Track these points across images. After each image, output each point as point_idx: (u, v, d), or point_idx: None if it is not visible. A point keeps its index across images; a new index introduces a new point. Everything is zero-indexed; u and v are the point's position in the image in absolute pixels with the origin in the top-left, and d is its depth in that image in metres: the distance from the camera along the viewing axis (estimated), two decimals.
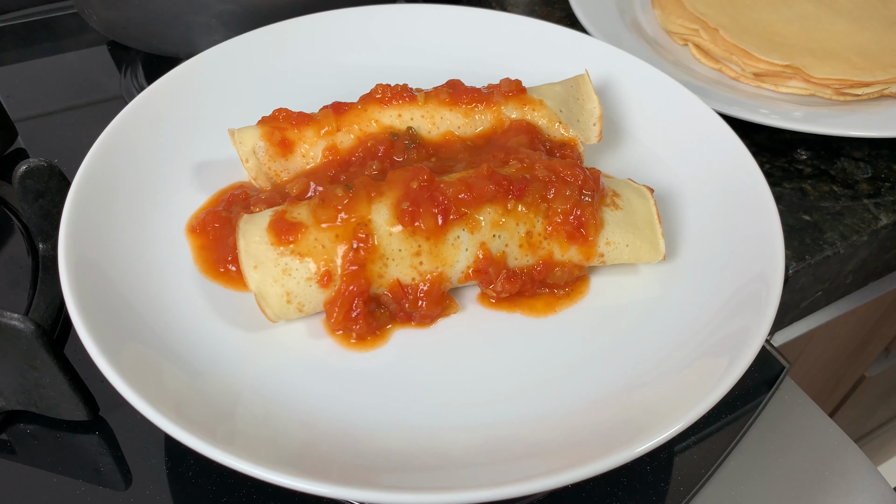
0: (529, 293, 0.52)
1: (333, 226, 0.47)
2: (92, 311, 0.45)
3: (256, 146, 0.56)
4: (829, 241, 0.66)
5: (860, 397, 1.39)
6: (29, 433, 0.51)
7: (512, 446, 0.43)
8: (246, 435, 0.43)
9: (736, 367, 0.44)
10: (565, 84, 0.61)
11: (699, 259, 0.54)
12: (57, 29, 0.89)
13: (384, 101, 0.57)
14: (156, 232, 0.54)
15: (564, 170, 0.51)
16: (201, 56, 0.63)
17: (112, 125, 0.57)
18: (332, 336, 0.49)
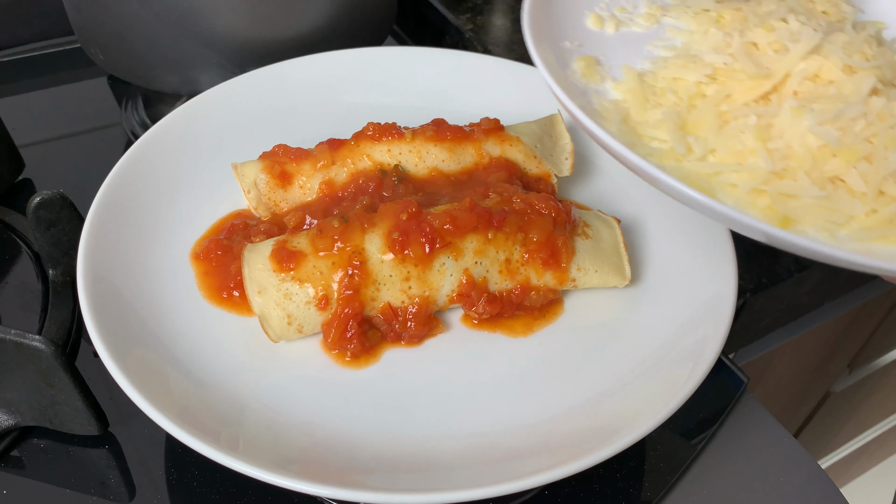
0: (509, 314, 0.56)
1: (330, 254, 0.52)
2: (105, 320, 0.50)
3: (258, 178, 0.61)
4: (784, 266, 0.71)
5: (827, 413, 1.44)
6: (42, 448, 0.55)
7: (493, 451, 0.48)
8: (249, 440, 0.47)
9: (696, 373, 0.49)
10: (540, 122, 0.67)
11: (662, 282, 0.59)
12: (59, 63, 0.93)
13: (375, 137, 0.62)
14: (164, 257, 0.58)
15: (540, 202, 0.56)
16: (204, 95, 0.68)
17: (123, 160, 0.61)
18: (329, 354, 0.53)
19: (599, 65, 0.55)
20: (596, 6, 0.59)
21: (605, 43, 0.57)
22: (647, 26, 0.59)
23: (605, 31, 0.58)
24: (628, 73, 0.54)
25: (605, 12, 0.59)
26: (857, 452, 1.77)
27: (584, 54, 0.55)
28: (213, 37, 0.71)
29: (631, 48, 0.57)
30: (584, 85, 0.53)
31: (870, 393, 1.49)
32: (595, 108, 0.51)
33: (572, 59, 0.55)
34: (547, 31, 0.54)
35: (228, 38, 0.71)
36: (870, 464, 1.92)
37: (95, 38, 0.75)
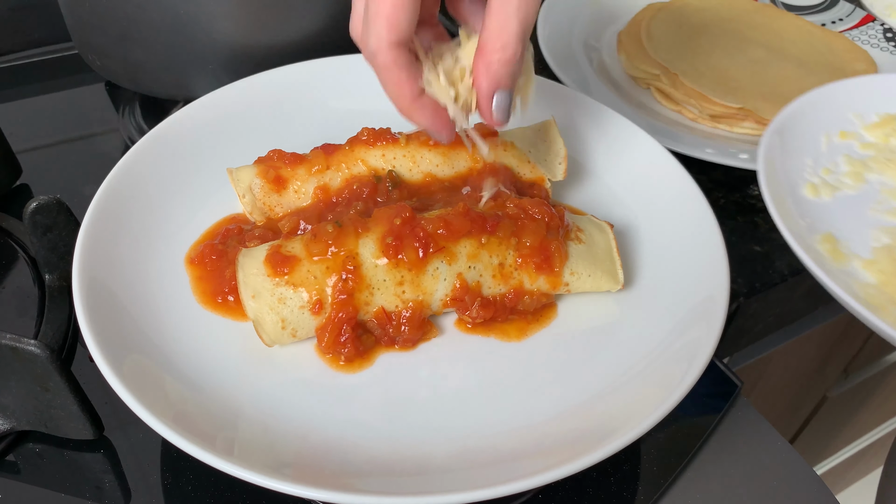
0: (502, 319, 0.56)
1: (324, 258, 0.52)
2: (100, 325, 0.50)
3: (253, 183, 0.61)
4: (778, 270, 0.72)
5: (823, 418, 1.45)
6: (37, 452, 0.55)
7: (487, 454, 0.48)
8: (244, 444, 0.47)
9: (689, 375, 0.49)
10: (534, 128, 0.67)
11: (654, 286, 0.59)
12: (57, 69, 0.93)
13: (369, 142, 0.63)
14: (159, 262, 0.58)
15: (533, 207, 0.56)
16: (200, 100, 0.68)
17: (119, 165, 0.61)
18: (323, 358, 0.54)
19: (837, 240, 0.57)
20: (805, 172, 0.62)
21: (829, 213, 0.60)
22: (856, 187, 0.62)
23: (822, 199, 0.61)
24: (879, 253, 0.56)
25: (815, 178, 0.62)
26: (854, 458, 1.77)
27: (817, 231, 0.58)
28: (210, 43, 0.71)
29: (856, 216, 0.60)
30: (836, 268, 0.55)
31: (866, 398, 1.49)
32: (861, 297, 0.53)
33: (813, 239, 0.57)
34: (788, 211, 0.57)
35: (224, 44, 0.72)
36: (867, 469, 1.91)
37: (92, 45, 0.76)
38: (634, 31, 0.94)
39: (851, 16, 1.03)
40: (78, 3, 0.73)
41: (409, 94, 0.47)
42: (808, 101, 0.67)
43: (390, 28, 0.44)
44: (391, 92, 0.48)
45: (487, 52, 0.46)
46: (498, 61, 0.46)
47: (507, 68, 0.47)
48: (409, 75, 0.46)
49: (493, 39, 0.46)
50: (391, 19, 0.44)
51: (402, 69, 0.46)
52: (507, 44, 0.46)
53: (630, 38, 0.93)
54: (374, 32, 0.45)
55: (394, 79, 0.46)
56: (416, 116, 0.49)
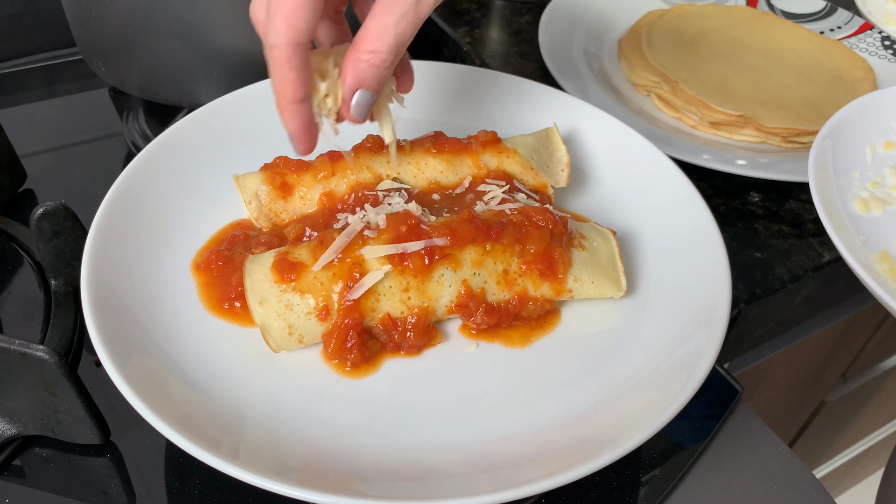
0: (506, 325, 0.57)
1: (331, 265, 0.53)
2: (108, 329, 0.50)
3: (259, 190, 0.62)
4: (778, 277, 0.72)
5: (822, 423, 1.45)
6: (43, 457, 0.55)
7: (491, 460, 0.48)
8: (250, 448, 0.48)
9: (691, 382, 0.50)
10: (536, 135, 0.68)
11: (657, 293, 0.60)
12: (61, 74, 0.94)
13: (374, 149, 0.63)
14: (166, 268, 0.59)
15: (537, 215, 0.57)
16: (206, 107, 0.69)
17: (126, 171, 0.61)
18: (329, 364, 0.54)
19: (894, 259, 0.56)
20: (853, 186, 0.61)
21: (882, 229, 0.59)
22: None
23: (873, 215, 0.60)
24: None
25: (864, 192, 0.61)
26: (852, 462, 1.77)
27: (872, 249, 0.57)
28: (215, 50, 0.72)
29: None
30: None
31: (864, 403, 1.50)
32: None
33: (871, 259, 0.56)
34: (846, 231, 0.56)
35: (229, 51, 0.72)
36: (865, 473, 1.92)
37: (98, 51, 0.76)
38: (635, 38, 0.95)
39: (850, 24, 1.03)
40: (83, 11, 0.73)
41: (290, 95, 0.48)
42: (851, 113, 0.65)
43: (289, 27, 0.45)
44: (275, 87, 0.48)
45: (359, 50, 0.48)
46: (366, 61, 0.48)
47: (374, 71, 0.48)
48: (298, 77, 0.47)
49: (366, 40, 0.48)
50: (290, 19, 0.45)
51: (293, 69, 0.46)
52: (378, 49, 0.47)
53: (630, 45, 0.94)
54: (274, 27, 0.45)
55: (282, 76, 0.47)
56: (287, 119, 0.49)
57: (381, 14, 0.47)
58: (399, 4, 0.46)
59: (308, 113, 0.49)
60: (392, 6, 0.46)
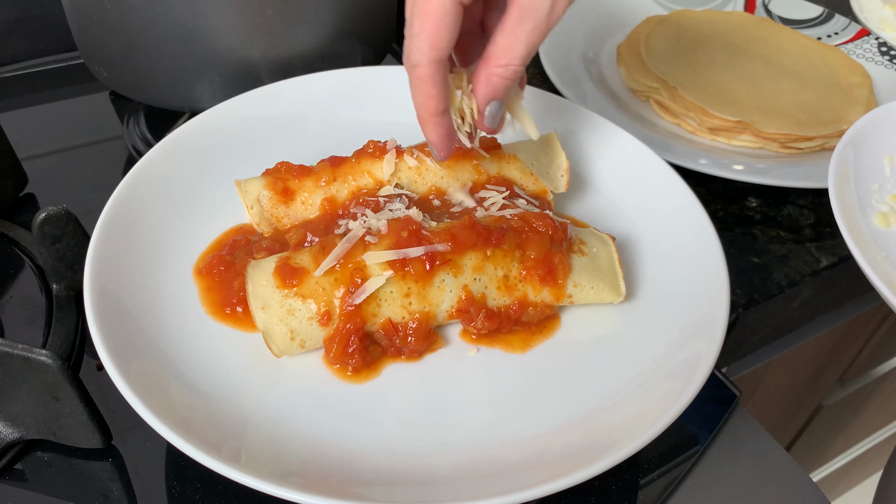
0: (507, 330, 0.57)
1: (332, 270, 0.53)
2: (110, 333, 0.51)
3: (261, 195, 0.62)
4: (776, 282, 0.73)
5: (819, 426, 1.46)
6: (45, 461, 0.55)
7: (491, 465, 0.49)
8: (251, 452, 0.48)
9: (690, 388, 0.50)
10: (536, 141, 0.68)
11: (656, 298, 0.60)
12: (63, 78, 0.94)
13: (375, 155, 0.63)
14: (168, 272, 0.59)
15: (537, 220, 0.57)
16: (207, 113, 0.69)
17: (128, 177, 0.62)
18: (331, 369, 0.54)
19: None
20: (872, 199, 0.61)
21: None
22: None
23: (893, 230, 0.59)
24: None
25: (883, 206, 0.61)
26: (849, 465, 1.78)
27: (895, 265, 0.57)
28: (216, 56, 0.72)
29: None
30: None
31: (861, 406, 1.50)
32: None
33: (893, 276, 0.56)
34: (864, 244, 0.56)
35: (231, 57, 0.72)
36: (862, 476, 1.93)
37: (99, 56, 0.76)
38: (634, 44, 0.95)
39: (847, 30, 1.04)
40: (85, 15, 0.74)
41: (433, 109, 0.51)
42: (869, 122, 0.64)
43: (432, 46, 0.48)
44: (419, 102, 0.52)
45: (491, 64, 0.51)
46: (498, 75, 0.51)
47: (505, 83, 0.51)
48: (440, 92, 0.50)
49: (498, 55, 0.50)
50: (433, 38, 0.47)
51: (436, 85, 0.50)
52: (510, 62, 0.50)
53: (629, 51, 0.94)
54: (417, 47, 0.48)
55: (426, 91, 0.50)
56: (430, 130, 0.54)
57: (513, 29, 0.49)
58: (530, 18, 0.48)
59: (448, 123, 0.54)
60: (523, 20, 0.48)
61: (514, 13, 0.48)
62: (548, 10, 0.48)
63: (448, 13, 0.47)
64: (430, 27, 0.47)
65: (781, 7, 1.09)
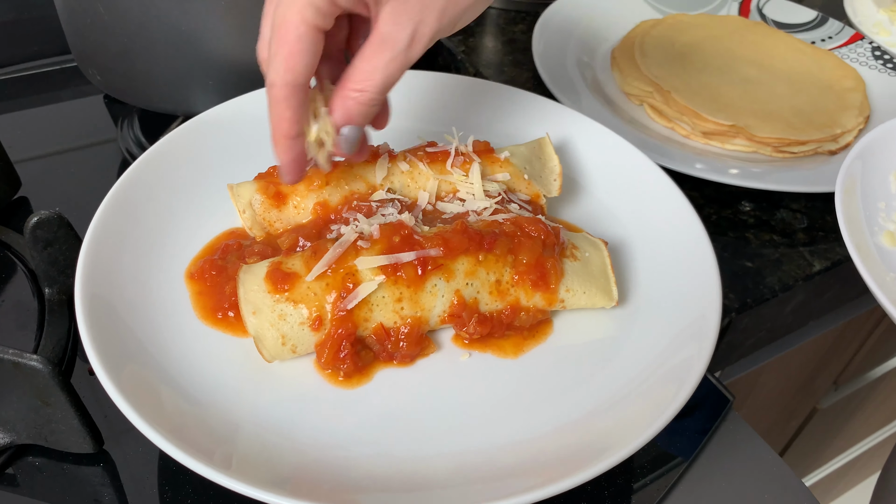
0: (499, 334, 0.57)
1: (324, 275, 0.53)
2: (102, 339, 0.51)
3: (253, 199, 0.62)
4: (769, 286, 0.73)
5: (814, 430, 1.46)
6: (36, 466, 0.55)
7: (485, 469, 0.49)
8: (243, 459, 0.48)
9: (682, 392, 0.50)
10: (529, 145, 0.68)
11: (648, 303, 0.60)
12: (56, 81, 0.94)
13: (368, 159, 0.64)
14: (159, 277, 0.59)
15: (529, 225, 0.57)
16: (201, 116, 0.69)
17: (120, 181, 0.62)
18: (322, 374, 0.54)
19: None
20: (879, 217, 0.60)
21: None
22: None
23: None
24: None
25: (890, 224, 0.60)
26: (845, 468, 1.78)
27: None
28: (210, 59, 0.72)
29: None
30: None
31: (856, 409, 1.51)
32: None
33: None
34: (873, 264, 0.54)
35: (225, 60, 0.72)
36: (858, 479, 1.93)
37: (92, 60, 0.76)
38: (628, 48, 0.96)
39: (841, 34, 1.04)
40: (78, 19, 0.73)
41: (285, 131, 0.50)
42: (875, 138, 0.63)
43: (287, 69, 0.47)
44: (273, 122, 0.50)
45: (346, 87, 0.50)
46: (353, 99, 0.50)
47: (360, 108, 0.51)
48: (293, 115, 0.49)
49: (355, 79, 0.50)
50: (289, 61, 0.47)
51: (289, 108, 0.49)
52: (366, 88, 0.50)
53: (623, 54, 0.95)
54: (273, 67, 0.48)
55: (279, 113, 0.49)
56: (280, 152, 0.52)
57: (372, 55, 0.49)
58: (389, 49, 0.48)
59: (299, 148, 0.52)
60: (383, 49, 0.48)
61: (375, 40, 0.48)
62: (406, 44, 0.48)
63: (303, 38, 0.46)
64: (286, 51, 0.47)
65: (776, 11, 1.09)
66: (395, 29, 0.48)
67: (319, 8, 0.46)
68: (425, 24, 0.48)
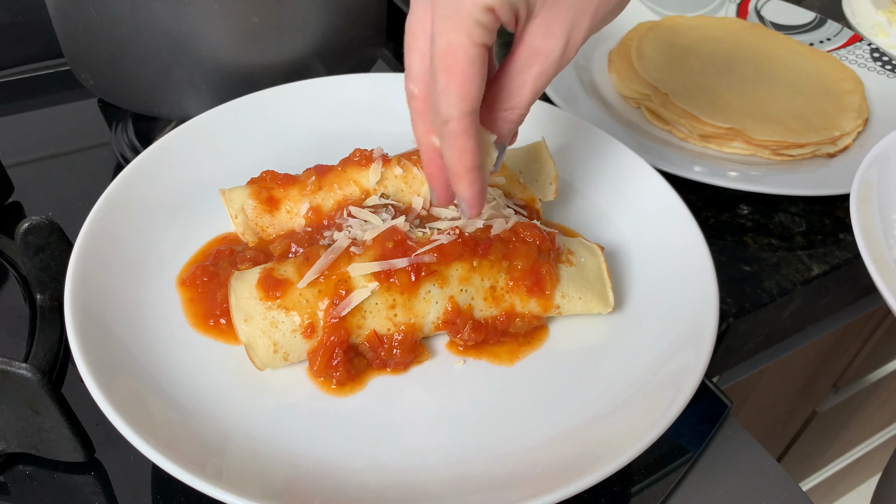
0: (494, 341, 0.57)
1: (316, 282, 0.52)
2: (91, 350, 0.50)
3: (245, 204, 0.61)
4: (767, 291, 0.72)
5: (814, 432, 1.45)
6: (27, 475, 0.55)
7: (479, 480, 0.48)
8: (234, 470, 0.47)
9: (678, 401, 0.50)
10: (525, 149, 0.67)
11: (645, 309, 0.60)
12: (49, 85, 0.93)
13: (362, 163, 0.63)
14: (150, 284, 0.58)
15: (524, 231, 0.56)
16: (193, 121, 0.68)
17: (112, 186, 0.61)
18: (315, 382, 0.54)
19: None
20: (894, 229, 0.57)
21: None
22: None
23: None
24: None
25: None
26: (844, 471, 1.78)
27: None
28: (203, 64, 0.72)
29: None
30: None
31: (856, 412, 1.50)
32: None
33: None
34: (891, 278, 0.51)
35: (217, 65, 0.72)
36: (858, 481, 1.92)
37: (85, 64, 0.76)
38: (625, 50, 0.95)
39: (839, 35, 1.04)
40: (71, 23, 0.73)
41: (469, 163, 0.47)
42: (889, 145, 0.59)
43: (462, 98, 0.44)
44: (453, 157, 0.47)
45: (496, 108, 0.47)
46: (503, 119, 0.48)
47: (510, 126, 0.48)
48: (475, 146, 0.46)
49: (504, 98, 0.47)
50: (462, 90, 0.43)
51: (470, 139, 0.46)
52: (516, 105, 0.47)
53: (621, 57, 0.94)
54: (447, 101, 0.44)
55: (460, 146, 0.46)
56: (464, 187, 0.48)
57: (521, 71, 0.46)
58: (540, 62, 0.45)
59: (483, 178, 0.49)
60: (532, 63, 0.45)
61: (523, 55, 0.45)
62: (559, 55, 0.45)
63: (474, 62, 0.43)
64: (458, 79, 0.43)
65: (774, 13, 1.09)
66: (548, 41, 0.44)
67: (486, 25, 0.42)
68: (578, 29, 0.45)
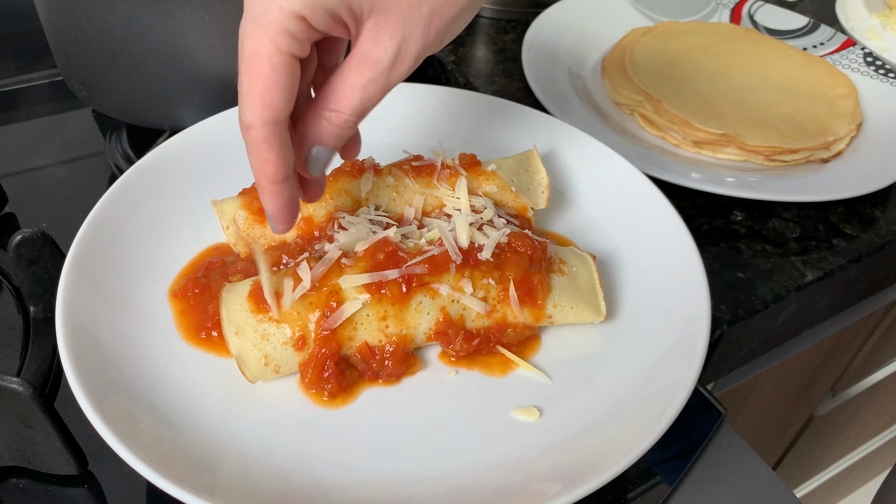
0: (486, 351, 0.57)
1: (308, 294, 0.52)
2: (83, 366, 0.50)
3: (237, 215, 0.61)
4: (761, 297, 0.72)
5: (812, 437, 1.45)
6: (20, 488, 0.54)
7: (473, 492, 0.48)
8: (226, 486, 0.47)
9: (672, 407, 0.50)
10: (516, 157, 0.68)
11: (636, 317, 0.60)
12: (44, 95, 0.93)
13: (353, 174, 0.63)
14: (142, 297, 0.58)
15: (516, 241, 0.56)
16: (186, 132, 0.68)
17: (104, 198, 0.61)
18: (306, 394, 0.54)
19: None
20: None
21: None
22: None
23: None
24: None
25: None
26: (842, 475, 1.77)
27: None
28: (195, 74, 0.72)
29: None
30: None
31: (854, 415, 1.50)
32: None
33: None
34: None
35: (210, 75, 0.72)
36: (856, 485, 1.92)
37: (78, 74, 0.76)
38: (618, 56, 0.95)
39: (832, 40, 1.04)
40: (64, 35, 0.73)
41: (271, 175, 0.45)
42: None
43: (264, 106, 0.43)
44: (255, 167, 0.45)
45: (320, 106, 0.46)
46: (326, 119, 0.46)
47: (333, 129, 0.46)
48: (278, 157, 0.45)
49: (331, 98, 0.45)
50: (265, 97, 0.42)
51: (272, 149, 0.44)
52: (342, 109, 0.45)
53: (614, 63, 0.94)
54: (248, 106, 0.43)
55: (262, 156, 0.45)
56: (267, 199, 0.47)
57: (350, 75, 0.45)
58: (370, 69, 0.44)
59: (289, 192, 0.47)
60: (362, 68, 0.44)
61: (355, 58, 0.44)
62: (389, 64, 0.44)
63: (278, 70, 0.42)
64: (260, 86, 0.42)
65: (767, 17, 1.09)
66: (377, 48, 0.44)
67: (294, 33, 0.41)
68: (410, 41, 0.44)
